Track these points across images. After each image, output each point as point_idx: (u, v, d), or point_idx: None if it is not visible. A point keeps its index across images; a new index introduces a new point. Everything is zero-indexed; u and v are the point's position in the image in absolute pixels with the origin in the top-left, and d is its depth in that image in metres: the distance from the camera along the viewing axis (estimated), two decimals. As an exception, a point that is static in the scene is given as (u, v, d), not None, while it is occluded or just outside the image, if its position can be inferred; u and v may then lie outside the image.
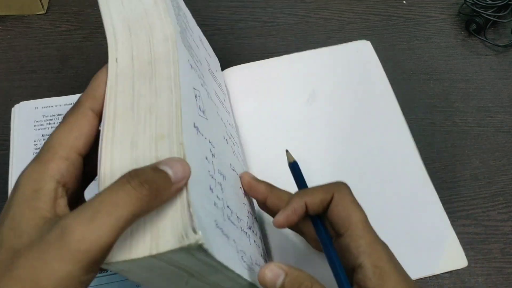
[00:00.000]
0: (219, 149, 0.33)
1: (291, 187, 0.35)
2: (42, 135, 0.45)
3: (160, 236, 0.22)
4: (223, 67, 0.50)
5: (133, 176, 0.21)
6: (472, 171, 0.45)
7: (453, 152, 0.48)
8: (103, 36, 0.30)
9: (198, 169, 0.26)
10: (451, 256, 0.40)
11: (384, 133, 0.46)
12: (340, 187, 0.31)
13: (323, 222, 0.31)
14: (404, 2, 0.62)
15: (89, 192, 0.26)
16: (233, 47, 0.56)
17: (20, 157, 0.43)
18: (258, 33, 0.58)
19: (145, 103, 0.27)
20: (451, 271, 0.40)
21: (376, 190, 0.43)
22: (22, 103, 0.46)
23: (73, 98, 0.47)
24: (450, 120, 0.51)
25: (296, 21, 0.59)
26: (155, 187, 0.21)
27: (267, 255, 0.38)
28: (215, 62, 0.47)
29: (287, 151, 0.37)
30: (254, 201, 0.38)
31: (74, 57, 0.54)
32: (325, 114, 0.48)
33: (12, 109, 0.46)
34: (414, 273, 0.32)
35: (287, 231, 0.37)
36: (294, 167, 0.35)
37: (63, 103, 0.47)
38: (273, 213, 0.33)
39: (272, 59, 0.52)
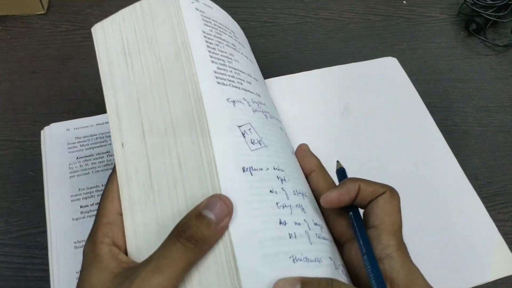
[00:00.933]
0: (290, 167, 0.30)
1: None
2: (77, 158, 0.42)
3: None
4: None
5: (181, 233, 0.24)
6: (472, 171, 0.45)
7: (453, 152, 0.48)
8: (103, 36, 0.30)
9: (256, 216, 0.25)
10: (502, 262, 0.39)
11: (420, 145, 0.46)
12: (394, 191, 0.30)
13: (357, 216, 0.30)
14: (404, 2, 0.62)
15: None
16: (233, 47, 0.56)
17: (56, 182, 0.40)
18: (258, 33, 0.58)
19: (167, 179, 0.25)
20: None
21: (418, 202, 0.42)
22: (52, 125, 0.43)
23: (104, 117, 0.45)
24: (450, 120, 0.51)
25: (296, 21, 0.59)
26: (201, 237, 0.24)
27: None
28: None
29: (338, 162, 0.35)
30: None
31: (74, 57, 0.54)
32: (361, 127, 0.47)
33: (42, 131, 0.43)
34: (467, 283, 0.32)
35: None
36: (341, 174, 0.34)
37: (95, 123, 0.45)
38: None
39: (301, 74, 0.51)
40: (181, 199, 0.25)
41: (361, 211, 0.31)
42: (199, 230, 0.24)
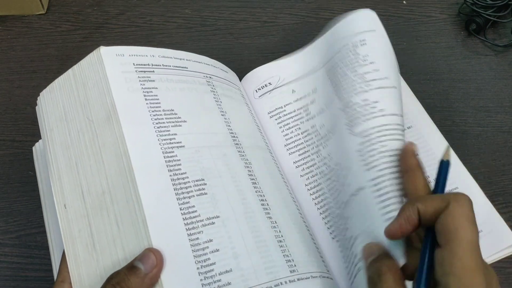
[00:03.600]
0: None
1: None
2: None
3: None
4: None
5: (109, 280, 0.27)
6: (472, 171, 0.45)
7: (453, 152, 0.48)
8: (103, 36, 0.30)
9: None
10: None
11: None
12: (460, 198, 0.27)
13: (432, 233, 0.28)
14: (404, 2, 0.62)
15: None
16: (233, 47, 0.56)
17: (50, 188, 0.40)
18: (258, 33, 0.58)
19: (107, 237, 0.27)
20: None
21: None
22: (41, 141, 0.40)
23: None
24: (450, 120, 0.51)
25: (296, 21, 0.59)
26: (127, 285, 0.26)
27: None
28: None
29: (448, 148, 0.33)
30: None
31: (74, 57, 0.54)
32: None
33: (33, 148, 0.40)
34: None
35: None
36: (442, 166, 0.32)
37: None
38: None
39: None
40: (120, 255, 0.27)
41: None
42: (126, 277, 0.26)
